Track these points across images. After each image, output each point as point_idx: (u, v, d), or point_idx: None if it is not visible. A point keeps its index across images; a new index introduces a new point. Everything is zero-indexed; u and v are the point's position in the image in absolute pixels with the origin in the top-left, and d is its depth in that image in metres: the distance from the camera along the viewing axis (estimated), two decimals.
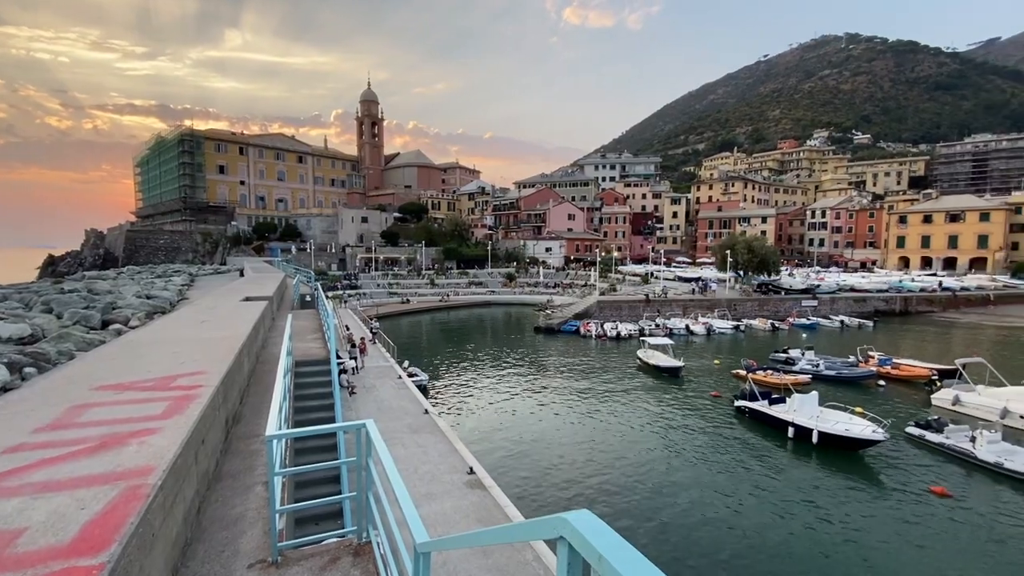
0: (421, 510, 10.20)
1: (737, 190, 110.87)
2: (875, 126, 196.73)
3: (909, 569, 12.10)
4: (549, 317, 47.84)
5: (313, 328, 14.16)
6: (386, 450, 3.18)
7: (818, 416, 19.74)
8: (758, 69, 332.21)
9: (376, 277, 68.66)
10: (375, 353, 26.54)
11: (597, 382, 28.99)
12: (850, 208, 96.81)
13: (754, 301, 53.64)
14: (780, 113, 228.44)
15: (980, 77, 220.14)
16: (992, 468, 16.80)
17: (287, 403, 6.38)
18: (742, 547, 12.98)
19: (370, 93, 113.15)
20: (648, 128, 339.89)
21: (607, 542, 1.30)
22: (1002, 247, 76.10)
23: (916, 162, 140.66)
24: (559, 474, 17.05)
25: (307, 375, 9.81)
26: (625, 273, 72.84)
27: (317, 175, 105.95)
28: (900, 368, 29.64)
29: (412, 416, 16.50)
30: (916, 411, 23.35)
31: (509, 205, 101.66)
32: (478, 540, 2.21)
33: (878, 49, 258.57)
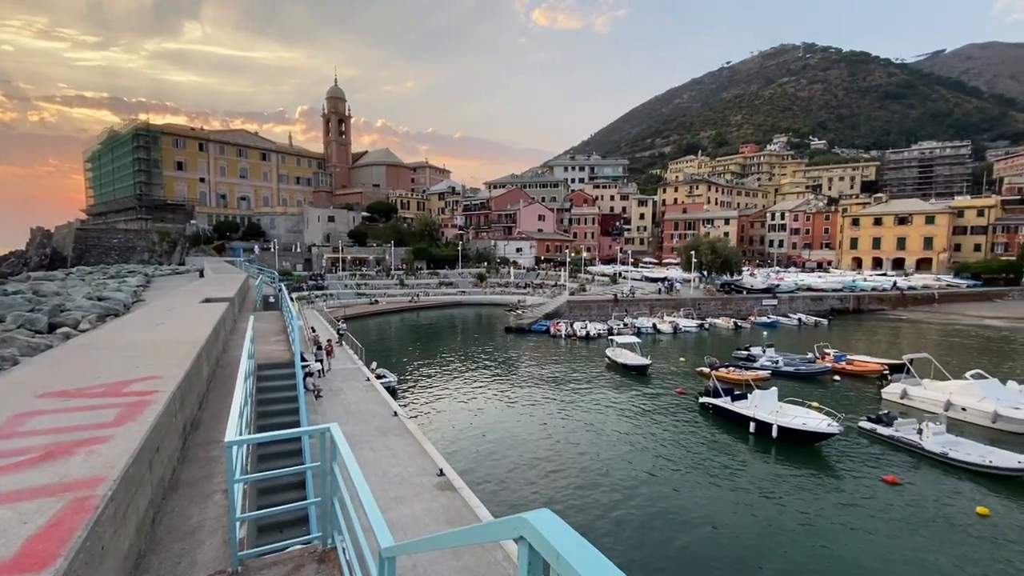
0: (390, 514, 10.14)
1: (701, 192, 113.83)
2: (830, 132, 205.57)
3: (862, 552, 12.70)
4: (520, 317, 47.99)
5: (277, 330, 13.79)
6: (351, 454, 3.13)
7: (777, 411, 20.48)
8: (721, 75, 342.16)
9: (343, 277, 67.36)
10: (342, 355, 26.04)
11: (567, 381, 29.26)
12: (807, 211, 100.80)
13: (718, 300, 55.20)
14: (742, 118, 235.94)
15: (926, 87, 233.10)
16: (938, 458, 17.80)
17: (249, 408, 6.20)
18: (705, 538, 13.34)
19: (337, 90, 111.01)
20: (616, 131, 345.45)
21: (565, 540, 1.32)
22: (946, 248, 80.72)
23: (868, 167, 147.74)
24: (529, 473, 17.14)
25: (270, 379, 9.55)
26: (594, 273, 73.74)
27: (282, 173, 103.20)
28: (853, 364, 31.07)
29: (381, 418, 16.27)
30: (868, 405, 24.51)
31: (480, 205, 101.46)
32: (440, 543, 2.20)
33: (833, 59, 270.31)
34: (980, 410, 21.45)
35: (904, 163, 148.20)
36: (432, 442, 15.13)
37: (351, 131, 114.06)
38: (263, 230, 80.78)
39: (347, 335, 30.84)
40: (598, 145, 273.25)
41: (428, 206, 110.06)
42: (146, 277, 29.76)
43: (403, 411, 17.64)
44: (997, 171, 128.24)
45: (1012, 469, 16.45)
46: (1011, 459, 16.72)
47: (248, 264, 47.45)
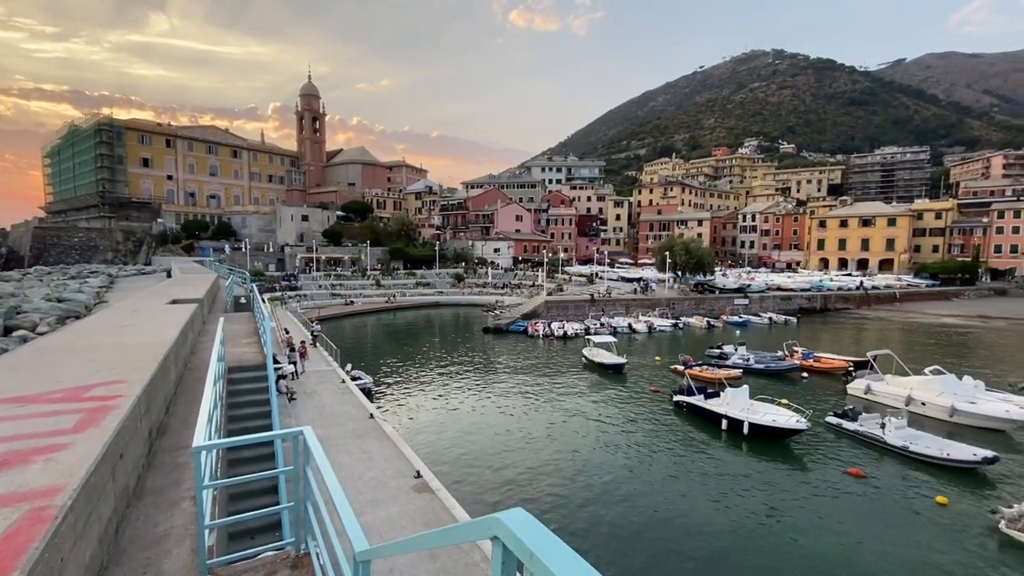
0: (366, 517, 10.02)
1: (675, 194, 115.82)
2: (799, 136, 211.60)
3: (829, 543, 13.13)
4: (498, 317, 47.98)
5: (248, 332, 13.47)
6: (324, 457, 3.08)
7: (748, 408, 20.97)
8: (694, 79, 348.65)
9: (318, 278, 66.20)
10: (316, 357, 25.59)
11: (544, 381, 29.38)
12: (777, 213, 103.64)
13: (691, 300, 56.25)
14: (715, 122, 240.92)
15: (888, 94, 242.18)
16: (899, 451, 18.51)
17: (219, 412, 6.04)
18: (678, 533, 13.58)
19: (311, 87, 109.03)
20: (593, 132, 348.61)
21: (538, 539, 1.32)
22: (906, 249, 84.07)
23: (834, 171, 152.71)
24: (507, 472, 17.15)
25: (242, 382, 9.31)
26: (571, 274, 74.28)
27: (253, 171, 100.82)
28: (820, 361, 32.07)
29: (356, 421, 16.05)
30: (834, 400, 25.32)
31: (457, 205, 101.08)
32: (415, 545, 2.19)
33: (801, 65, 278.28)
34: (938, 404, 22.39)
35: (868, 167, 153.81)
36: (409, 444, 15.00)
37: (325, 129, 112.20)
38: (234, 229, 78.79)
39: (321, 336, 30.30)
40: (575, 146, 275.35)
41: (405, 206, 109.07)
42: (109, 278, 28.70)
43: (379, 413, 17.44)
44: (954, 176, 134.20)
45: (968, 461, 17.22)
46: (967, 452, 17.51)
47: (218, 264, 46.26)
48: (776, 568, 12.23)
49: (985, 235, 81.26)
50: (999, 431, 20.72)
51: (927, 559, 12.50)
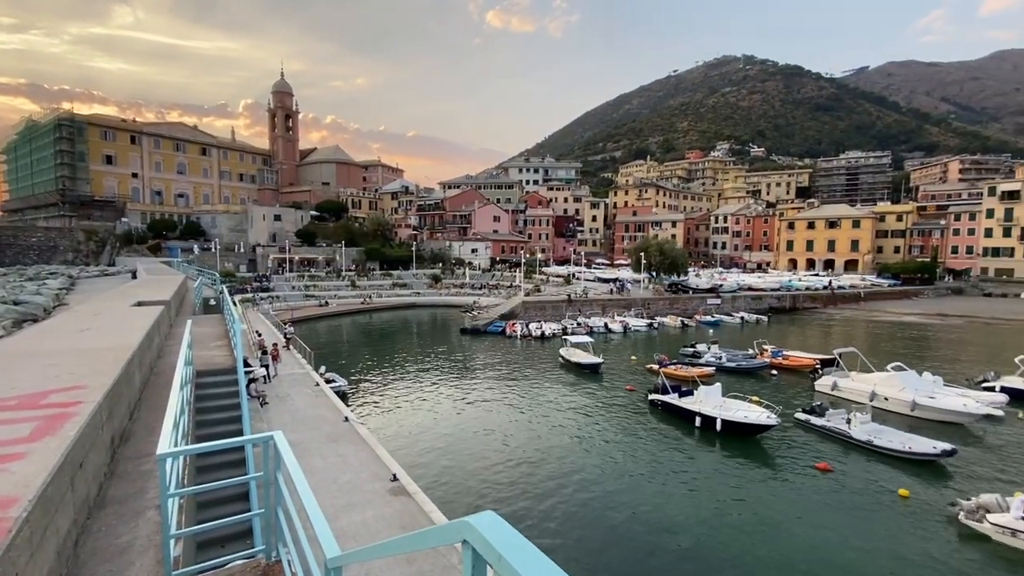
0: (341, 522, 9.86)
1: (650, 196, 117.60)
2: (768, 140, 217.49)
3: (798, 535, 13.52)
4: (475, 318, 47.85)
5: (218, 334, 13.11)
6: (295, 462, 3.02)
7: (721, 406, 21.42)
8: (668, 83, 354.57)
9: (291, 279, 64.88)
10: (289, 360, 25.07)
11: (522, 381, 29.44)
12: (747, 215, 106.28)
13: (666, 300, 57.16)
14: (688, 125, 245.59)
15: (852, 101, 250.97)
16: (864, 445, 19.17)
17: (186, 418, 5.86)
18: (651, 529, 13.78)
19: (283, 84, 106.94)
20: (569, 134, 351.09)
21: (507, 542, 1.33)
22: (870, 250, 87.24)
23: (801, 174, 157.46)
24: (485, 474, 17.11)
25: (211, 386, 9.07)
26: (549, 274, 74.62)
27: (224, 169, 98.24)
28: (789, 359, 32.99)
29: (331, 424, 15.79)
30: (803, 397, 26.06)
31: (434, 205, 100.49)
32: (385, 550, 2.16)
33: (770, 71, 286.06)
34: (900, 399, 23.27)
35: (833, 171, 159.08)
36: (386, 447, 14.82)
37: (299, 127, 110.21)
38: (203, 229, 76.63)
39: (294, 339, 29.71)
40: (552, 148, 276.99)
41: (381, 205, 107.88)
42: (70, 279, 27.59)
43: (354, 416, 17.20)
44: (914, 180, 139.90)
45: (928, 454, 17.95)
46: (927, 445, 18.24)
47: (186, 265, 44.97)
48: (747, 560, 12.51)
49: (943, 237, 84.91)
50: (957, 424, 21.64)
51: (889, 550, 12.97)
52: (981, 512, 13.59)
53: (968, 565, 12.38)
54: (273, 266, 70.25)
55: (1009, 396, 24.46)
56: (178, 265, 43.72)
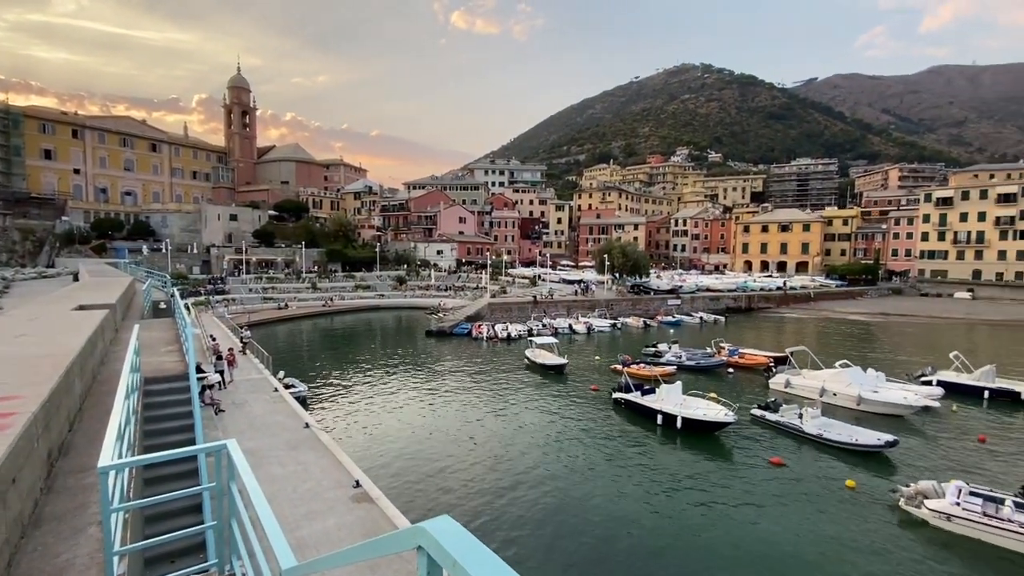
0: (301, 532, 9.58)
1: (613, 199, 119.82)
2: (725, 146, 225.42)
3: (752, 526, 14.04)
4: (441, 320, 47.48)
5: (168, 339, 12.52)
6: (250, 471, 2.91)
7: (682, 404, 22.03)
8: (630, 89, 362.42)
9: (248, 281, 62.59)
10: (246, 365, 24.18)
11: (488, 383, 29.39)
12: (705, 218, 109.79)
13: (628, 301, 58.32)
14: (649, 130, 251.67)
15: (802, 110, 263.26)
16: (815, 439, 20.10)
17: (132, 428, 5.56)
18: (613, 524, 14.02)
19: (240, 79, 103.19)
20: (534, 137, 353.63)
21: (462, 547, 1.32)
22: (819, 253, 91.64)
23: (756, 179, 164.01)
24: (451, 477, 16.98)
25: (160, 394, 8.64)
26: (515, 276, 74.84)
27: (175, 166, 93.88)
28: (745, 357, 34.24)
29: (290, 431, 15.31)
30: (758, 394, 27.08)
31: (399, 206, 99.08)
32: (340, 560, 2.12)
33: (726, 80, 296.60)
34: (847, 394, 24.54)
35: (785, 177, 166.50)
36: (348, 453, 14.50)
37: (256, 124, 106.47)
38: (153, 229, 73.02)
39: (252, 343, 28.65)
40: (517, 150, 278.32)
41: (343, 206, 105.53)
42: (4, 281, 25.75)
43: (315, 422, 16.74)
44: (858, 186, 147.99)
45: (873, 446, 19.00)
46: (872, 437, 19.30)
47: (134, 267, 42.77)
48: (703, 552, 12.90)
49: (884, 240, 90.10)
50: (898, 416, 22.99)
51: (836, 538, 13.65)
52: (919, 498, 14.48)
53: (907, 549, 13.16)
54: (229, 268, 67.60)
55: (944, 389, 26.19)
56: (125, 267, 41.51)
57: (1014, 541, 12.79)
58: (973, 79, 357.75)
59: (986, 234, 77.75)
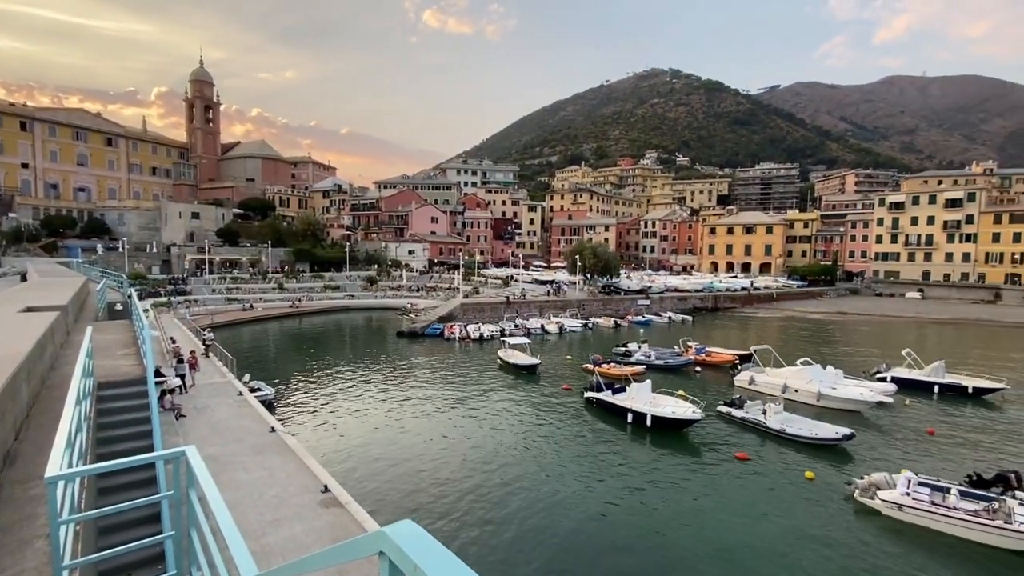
0: (268, 539, 9.35)
1: (585, 201, 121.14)
2: (692, 150, 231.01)
3: (718, 519, 14.46)
4: (412, 321, 47.02)
5: (125, 342, 12.01)
6: (210, 478, 2.82)
7: (651, 402, 22.46)
8: (601, 91, 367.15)
9: (211, 281, 60.55)
10: (209, 368, 23.39)
11: (460, 384, 29.27)
12: (674, 220, 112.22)
13: (599, 301, 59.05)
14: (619, 133, 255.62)
15: (766, 116, 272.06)
16: (777, 434, 20.80)
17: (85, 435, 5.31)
18: (582, 521, 14.20)
19: (203, 72, 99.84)
20: (507, 138, 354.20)
21: (424, 552, 1.31)
22: (781, 254, 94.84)
23: (722, 183, 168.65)
24: (423, 480, 16.84)
25: (116, 399, 8.29)
26: (487, 276, 74.77)
27: (133, 162, 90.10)
28: (711, 356, 35.16)
29: (256, 436, 14.88)
30: (724, 391, 27.83)
31: (369, 205, 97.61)
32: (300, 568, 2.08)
33: (694, 85, 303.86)
34: (808, 391, 25.48)
35: (750, 180, 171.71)
36: (317, 457, 14.20)
37: (220, 119, 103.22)
38: (109, 227, 69.94)
39: (215, 345, 27.72)
40: (490, 150, 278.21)
41: (311, 204, 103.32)
42: None
43: (282, 427, 16.33)
44: (818, 191, 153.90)
45: (831, 439, 19.79)
46: (830, 431, 20.10)
47: (88, 266, 40.80)
48: (670, 545, 13.19)
49: (842, 242, 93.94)
50: (856, 412, 24.00)
51: (796, 528, 14.17)
52: (873, 489, 15.15)
53: (861, 538, 13.76)
54: (191, 268, 65.27)
55: (898, 385, 27.47)
56: (78, 266, 39.56)
57: (959, 528, 13.52)
58: (923, 89, 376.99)
59: (935, 237, 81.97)
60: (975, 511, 13.48)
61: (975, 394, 26.90)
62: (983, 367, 31.18)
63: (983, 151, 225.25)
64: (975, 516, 13.36)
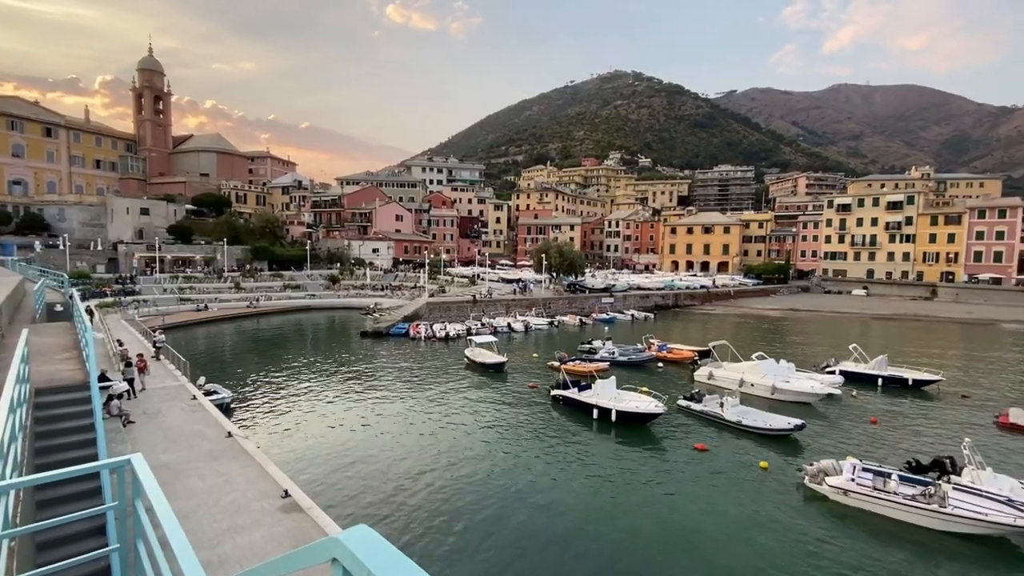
0: (224, 547, 9.03)
1: (550, 200, 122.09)
2: (654, 152, 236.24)
3: (676, 505, 14.97)
4: (377, 321, 46.24)
5: (66, 345, 11.33)
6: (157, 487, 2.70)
7: (616, 397, 22.90)
8: (566, 92, 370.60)
9: (162, 280, 57.74)
10: (160, 371, 22.32)
11: (427, 383, 29.00)
12: (636, 220, 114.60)
13: (565, 299, 59.68)
14: (584, 134, 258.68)
15: (724, 120, 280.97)
16: (734, 426, 21.59)
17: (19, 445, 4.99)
18: (547, 516, 14.34)
19: (152, 61, 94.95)
20: (472, 136, 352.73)
21: (379, 558, 1.29)
22: (738, 253, 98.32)
23: (682, 184, 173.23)
24: (389, 482, 16.60)
25: (55, 406, 7.81)
26: (454, 275, 74.30)
27: (75, 154, 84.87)
28: (673, 352, 36.14)
29: (211, 441, 14.31)
30: (684, 386, 28.65)
31: (331, 202, 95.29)
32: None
33: (656, 88, 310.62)
34: (763, 384, 26.53)
35: (709, 182, 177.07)
36: (277, 461, 13.78)
37: (171, 110, 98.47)
38: (48, 223, 65.71)
39: (166, 347, 26.46)
40: (456, 149, 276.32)
41: (270, 200, 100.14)
42: None
43: (240, 431, 15.77)
44: (772, 192, 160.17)
45: (783, 429, 20.69)
46: (783, 422, 21.02)
47: (24, 265, 38.22)
48: (631, 534, 13.50)
49: (794, 242, 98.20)
50: (807, 403, 25.16)
51: (750, 515, 14.76)
52: (821, 476, 15.94)
53: (809, 522, 14.49)
54: (140, 266, 62.05)
55: (845, 378, 28.96)
56: (13, 264, 37.03)
57: (898, 512, 14.40)
58: (867, 98, 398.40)
59: (878, 237, 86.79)
60: (913, 495, 14.37)
61: (914, 386, 28.65)
62: (921, 360, 33.26)
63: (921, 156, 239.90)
64: (913, 500, 14.24)
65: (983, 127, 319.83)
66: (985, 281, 74.98)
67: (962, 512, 13.56)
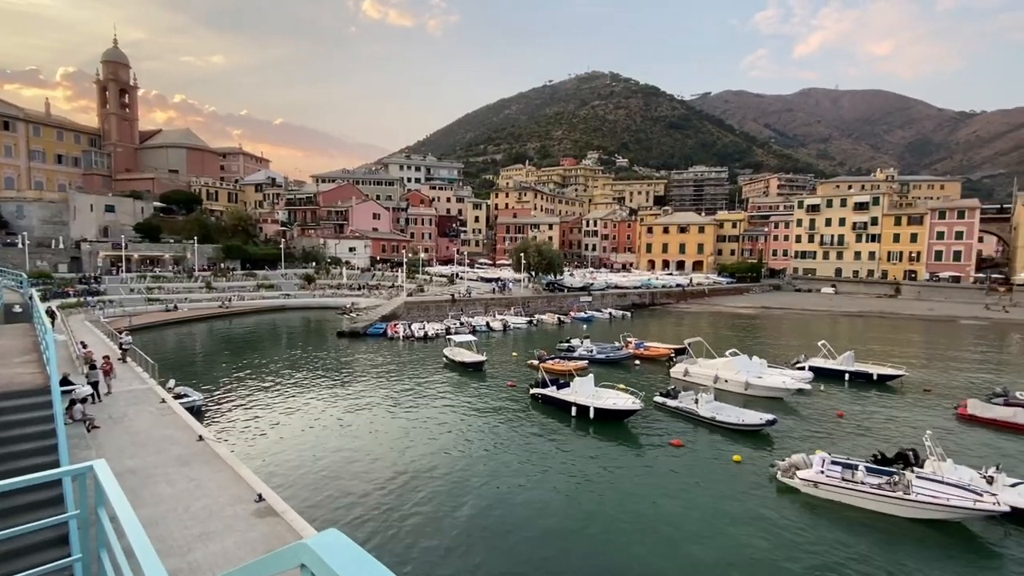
0: (195, 554, 8.81)
1: (529, 199, 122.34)
2: (631, 152, 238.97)
3: (653, 500, 15.17)
4: (354, 320, 45.64)
5: (24, 348, 10.87)
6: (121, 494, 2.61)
7: (594, 395, 23.09)
8: (544, 91, 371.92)
9: (129, 280, 55.88)
10: (127, 374, 21.61)
11: (405, 383, 28.75)
12: (614, 219, 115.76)
13: (544, 298, 59.91)
14: (562, 134, 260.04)
15: (698, 121, 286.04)
16: (708, 422, 22.01)
17: None
18: (525, 513, 14.38)
19: (117, 52, 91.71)
20: (451, 134, 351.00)
21: (349, 564, 1.27)
22: (712, 253, 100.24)
23: (658, 184, 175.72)
24: (366, 484, 16.39)
25: (13, 411, 7.49)
26: (432, 274, 73.84)
27: (35, 148, 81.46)
28: (649, 349, 36.64)
29: (182, 446, 13.92)
30: (660, 382, 29.05)
31: (306, 200, 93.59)
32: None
33: (633, 89, 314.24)
34: (737, 380, 27.11)
35: (684, 182, 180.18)
36: (251, 465, 13.50)
37: (137, 104, 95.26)
38: (6, 220, 62.99)
39: (133, 349, 25.62)
40: (434, 147, 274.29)
41: (242, 198, 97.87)
42: None
43: (211, 434, 15.39)
44: (745, 193, 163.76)
45: (756, 424, 21.18)
46: (756, 417, 21.50)
47: None
48: (608, 530, 13.64)
49: (766, 241, 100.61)
50: (778, 399, 25.80)
51: (724, 509, 15.08)
52: (792, 469, 16.38)
53: (782, 514, 14.87)
54: (105, 265, 59.90)
55: (814, 373, 29.80)
56: None
57: (866, 501, 14.91)
58: (835, 101, 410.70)
59: (846, 237, 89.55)
60: (879, 484, 14.89)
61: (879, 381, 29.66)
62: (886, 356, 34.44)
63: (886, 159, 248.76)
64: (879, 489, 14.76)
65: (944, 131, 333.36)
66: (945, 279, 78.15)
67: (925, 498, 14.11)
